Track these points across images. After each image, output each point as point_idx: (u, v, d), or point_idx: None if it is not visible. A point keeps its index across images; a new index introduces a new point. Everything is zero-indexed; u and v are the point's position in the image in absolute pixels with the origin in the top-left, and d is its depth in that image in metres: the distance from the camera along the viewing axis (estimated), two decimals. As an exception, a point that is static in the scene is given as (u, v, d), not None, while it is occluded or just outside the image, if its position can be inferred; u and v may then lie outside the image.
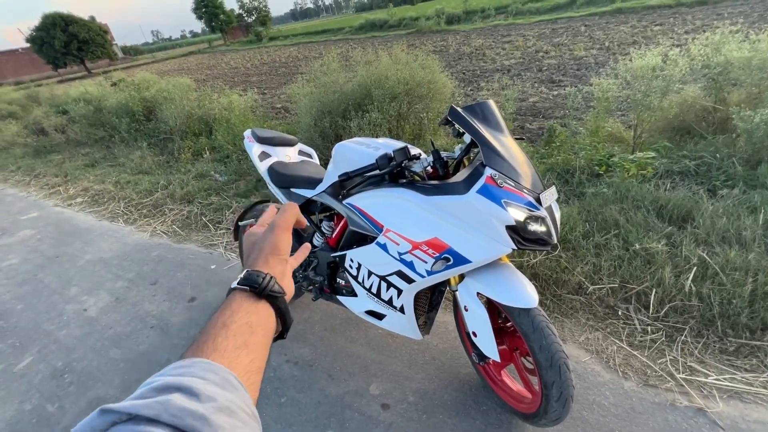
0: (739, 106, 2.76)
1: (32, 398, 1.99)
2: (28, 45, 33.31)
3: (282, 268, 0.51)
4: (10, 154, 7.27)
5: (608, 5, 15.36)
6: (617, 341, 1.83)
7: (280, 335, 0.50)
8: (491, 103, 1.36)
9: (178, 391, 0.32)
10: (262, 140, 2.18)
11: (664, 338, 1.80)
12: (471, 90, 6.49)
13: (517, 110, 4.77)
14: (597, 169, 2.98)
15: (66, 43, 31.40)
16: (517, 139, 1.39)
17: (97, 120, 6.90)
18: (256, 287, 0.46)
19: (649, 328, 1.85)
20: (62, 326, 2.50)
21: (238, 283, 0.47)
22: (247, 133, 2.24)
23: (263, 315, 0.46)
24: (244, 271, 0.48)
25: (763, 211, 2.19)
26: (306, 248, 0.61)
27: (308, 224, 1.92)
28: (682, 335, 1.79)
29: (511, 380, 1.59)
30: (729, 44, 3.05)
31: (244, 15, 52.52)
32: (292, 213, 0.56)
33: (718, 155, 2.79)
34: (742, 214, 2.22)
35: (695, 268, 1.95)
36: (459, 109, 1.30)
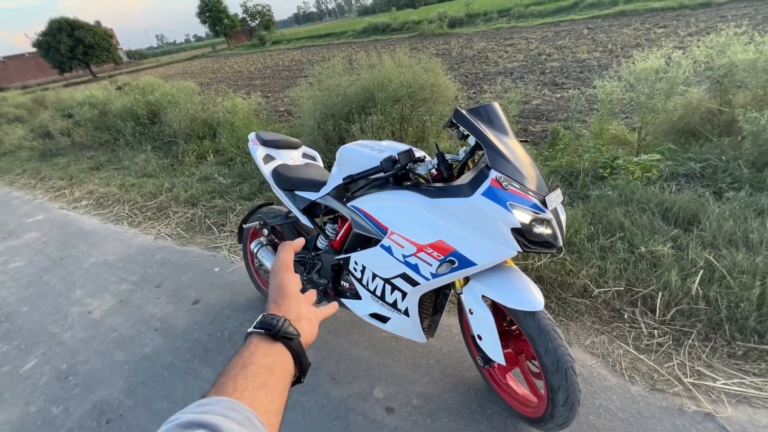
0: (745, 108, 2.75)
1: (37, 400, 2.00)
2: (34, 50, 33.73)
3: (296, 311, 0.53)
4: (16, 157, 7.35)
5: (611, 8, 15.36)
6: (623, 345, 1.81)
7: (298, 380, 0.50)
8: (496, 105, 1.35)
9: (202, 428, 0.33)
10: (266, 143, 2.18)
11: (671, 342, 1.78)
12: (474, 93, 6.50)
13: (520, 113, 4.78)
14: (601, 172, 2.97)
15: (72, 47, 31.78)
16: (521, 141, 1.38)
17: (102, 123, 6.96)
18: (271, 329, 0.47)
19: (655, 332, 1.83)
20: (67, 328, 2.51)
21: (254, 327, 0.49)
22: (252, 136, 2.25)
23: (280, 357, 0.47)
24: (260, 315, 0.51)
25: (770, 213, 2.17)
26: (333, 306, 0.65)
27: (311, 226, 1.93)
28: (689, 339, 1.77)
29: (516, 384, 1.58)
30: (734, 46, 3.04)
31: (248, 19, 53.01)
32: (287, 251, 0.58)
33: (723, 157, 2.77)
34: (749, 216, 2.21)
35: (702, 271, 1.94)
36: (463, 111, 1.30)
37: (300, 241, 0.63)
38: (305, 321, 0.53)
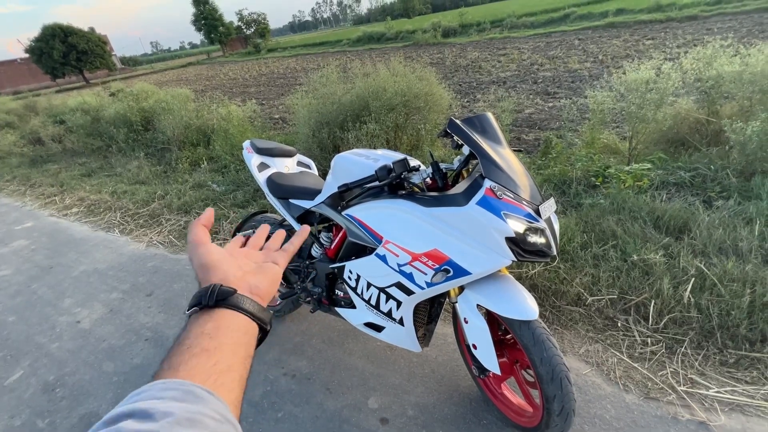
0: (731, 118, 2.81)
1: (22, 413, 1.95)
2: (26, 55, 33.53)
3: (234, 272, 0.50)
4: (5, 163, 7.24)
5: (601, 20, 15.71)
6: (617, 353, 1.82)
7: (264, 334, 0.48)
8: (489, 115, 1.37)
9: (130, 417, 0.30)
10: (260, 151, 2.18)
11: (664, 350, 1.79)
12: (468, 101, 6.57)
13: (513, 121, 4.83)
14: (593, 180, 3.01)
15: (65, 53, 31.65)
16: (515, 150, 1.40)
17: (95, 130, 6.90)
18: (201, 302, 0.45)
19: (648, 340, 1.84)
20: (55, 339, 2.45)
21: (187, 309, 0.46)
22: (246, 143, 2.25)
23: (223, 320, 0.44)
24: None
25: (758, 222, 2.21)
26: (304, 230, 0.61)
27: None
28: (682, 347, 1.78)
29: (511, 393, 1.57)
30: (720, 58, 3.12)
31: (243, 27, 53.22)
32: (197, 228, 0.55)
33: (712, 167, 2.82)
34: (738, 225, 2.24)
35: (693, 279, 1.96)
36: (458, 121, 1.31)
37: (209, 211, 0.58)
38: (251, 274, 0.51)
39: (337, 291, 1.81)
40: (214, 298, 0.45)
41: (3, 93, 24.30)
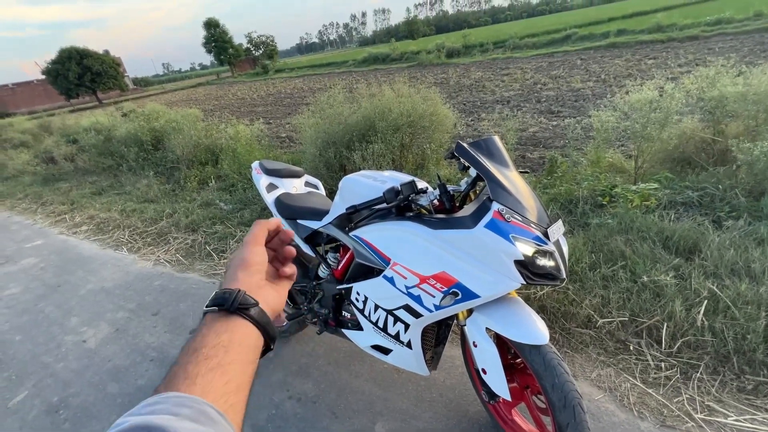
0: (738, 138, 2.81)
1: (25, 436, 1.92)
2: (42, 77, 34.71)
3: (257, 279, 0.49)
4: (18, 182, 7.39)
5: (602, 40, 15.98)
6: (630, 378, 1.77)
7: (267, 349, 0.47)
8: (496, 138, 1.38)
9: None
10: (269, 172, 2.21)
11: (678, 375, 1.74)
12: (472, 120, 6.64)
13: (518, 140, 4.86)
14: (600, 200, 2.99)
15: (80, 75, 32.75)
16: (522, 172, 1.41)
17: (106, 149, 7.06)
18: (224, 304, 0.44)
19: (662, 364, 1.79)
20: (60, 359, 2.45)
21: (206, 306, 0.45)
22: (255, 164, 2.28)
23: (238, 332, 0.43)
24: (214, 292, 0.47)
25: (770, 242, 2.17)
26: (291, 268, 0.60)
27: (313, 255, 1.92)
28: (697, 372, 1.73)
29: (522, 420, 1.53)
30: (723, 78, 3.15)
31: (252, 49, 54.81)
32: (260, 228, 0.55)
33: (720, 186, 2.80)
34: (749, 246, 2.21)
35: (706, 301, 1.92)
36: (465, 144, 1.33)
37: (275, 221, 0.58)
38: (268, 288, 0.50)
39: (344, 312, 1.80)
40: (236, 305, 0.45)
41: (19, 113, 25.03)
